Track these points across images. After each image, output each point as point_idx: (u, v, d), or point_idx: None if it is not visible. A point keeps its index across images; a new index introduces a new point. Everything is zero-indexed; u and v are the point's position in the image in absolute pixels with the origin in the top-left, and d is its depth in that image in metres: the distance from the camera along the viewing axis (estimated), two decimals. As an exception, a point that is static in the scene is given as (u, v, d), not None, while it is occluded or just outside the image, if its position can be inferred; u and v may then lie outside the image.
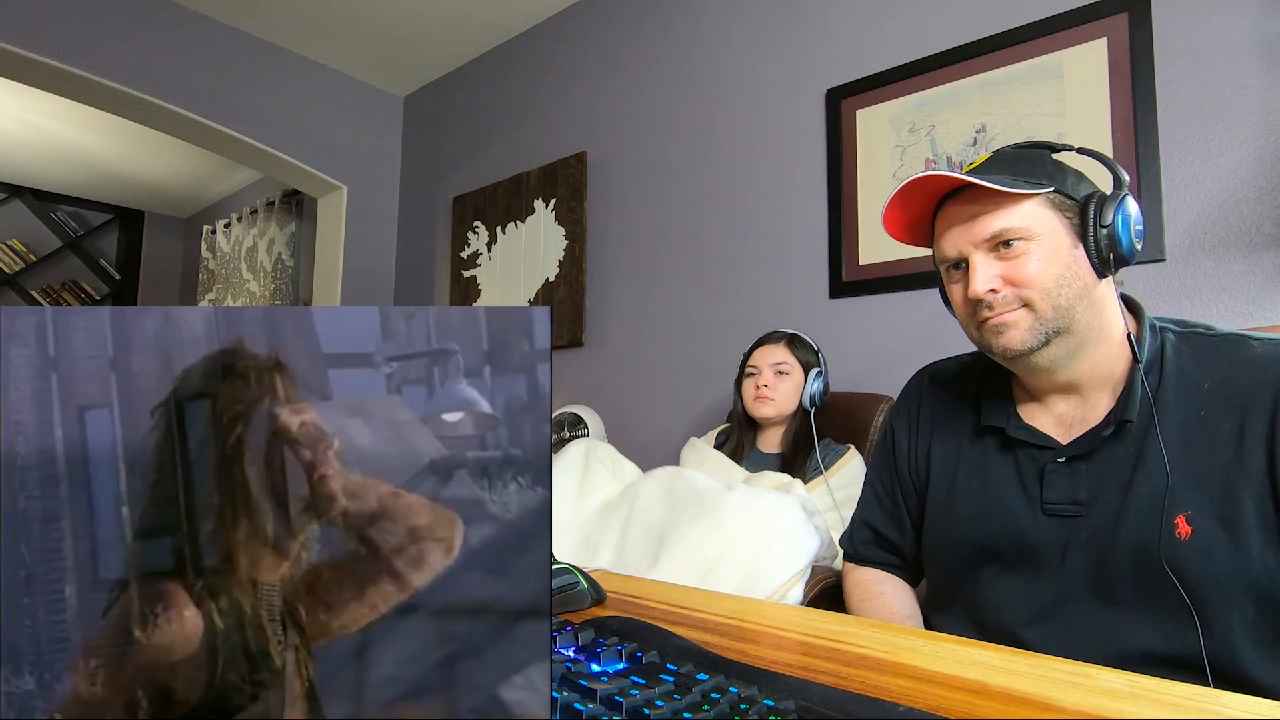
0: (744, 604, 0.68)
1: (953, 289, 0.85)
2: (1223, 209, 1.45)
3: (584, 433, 2.41)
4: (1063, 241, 0.78)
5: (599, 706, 0.38)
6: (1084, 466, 0.79)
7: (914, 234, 0.89)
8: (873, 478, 1.04)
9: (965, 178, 0.78)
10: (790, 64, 2.14)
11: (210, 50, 2.94)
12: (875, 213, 1.92)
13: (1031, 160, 0.81)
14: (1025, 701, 0.43)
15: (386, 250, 3.52)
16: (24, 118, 3.90)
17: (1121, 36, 1.57)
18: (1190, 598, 0.70)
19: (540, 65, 2.93)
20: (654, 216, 2.47)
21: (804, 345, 1.70)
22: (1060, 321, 0.77)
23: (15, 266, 4.82)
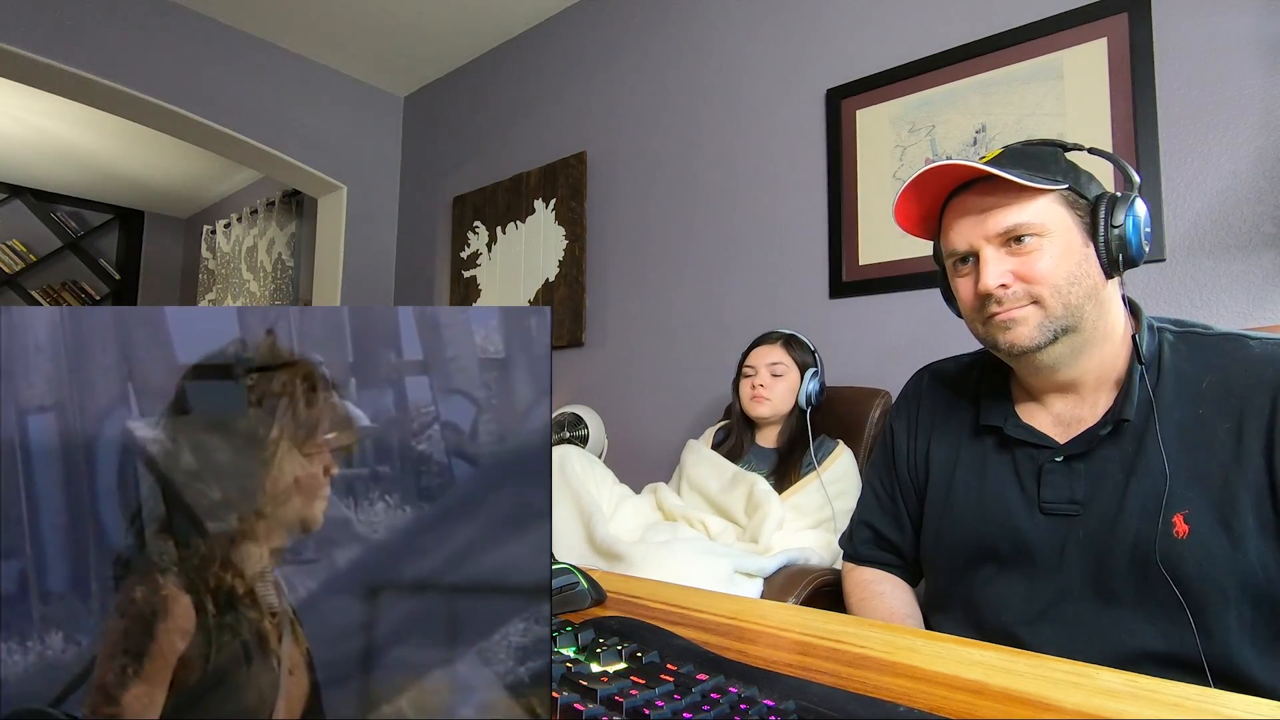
0: (744, 604, 0.68)
1: (959, 282, 0.85)
2: (1223, 209, 1.45)
3: (584, 433, 2.41)
4: (1075, 240, 0.78)
5: (599, 706, 0.38)
6: (1082, 466, 0.79)
7: (925, 227, 0.89)
8: (872, 477, 1.04)
9: (984, 168, 0.77)
10: (790, 64, 2.14)
11: (211, 50, 2.94)
12: (875, 213, 1.92)
13: (1044, 157, 0.81)
14: (1025, 701, 0.43)
15: (386, 250, 3.52)
16: (24, 118, 3.90)
17: (1121, 36, 1.57)
18: (1187, 597, 0.70)
19: (540, 65, 2.93)
20: (654, 216, 2.47)
21: (800, 346, 1.72)
22: (1069, 320, 0.77)
23: (15, 266, 4.82)
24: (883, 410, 1.68)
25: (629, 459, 2.42)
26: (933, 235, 0.90)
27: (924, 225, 0.89)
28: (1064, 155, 0.81)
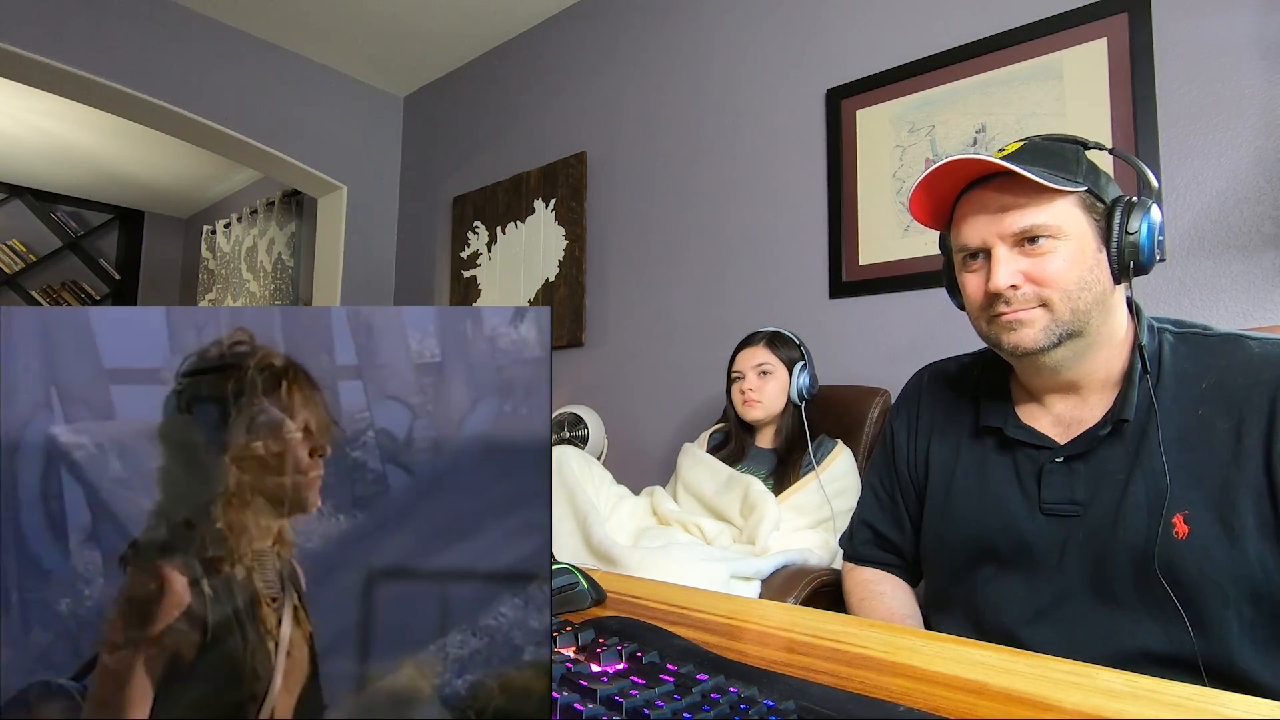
0: (744, 604, 0.68)
1: (968, 277, 0.83)
2: (1223, 209, 1.45)
3: (584, 433, 2.41)
4: (1089, 244, 0.77)
5: (599, 706, 0.38)
6: (1082, 466, 0.79)
7: (936, 217, 0.87)
8: (872, 478, 1.04)
9: (1006, 164, 0.75)
10: (790, 64, 2.14)
11: (211, 50, 2.94)
12: (875, 213, 1.92)
13: (1065, 155, 0.79)
14: (1025, 701, 0.43)
15: (386, 250, 3.52)
16: (24, 118, 3.90)
17: (1121, 36, 1.57)
18: (1187, 597, 0.70)
19: (540, 65, 2.93)
20: (654, 216, 2.47)
21: (785, 342, 1.70)
22: (1075, 324, 0.77)
23: (15, 266, 4.82)
24: (882, 410, 1.68)
25: (629, 459, 2.42)
26: (943, 226, 0.88)
27: (935, 215, 0.86)
28: (1084, 154, 0.80)
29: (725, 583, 1.23)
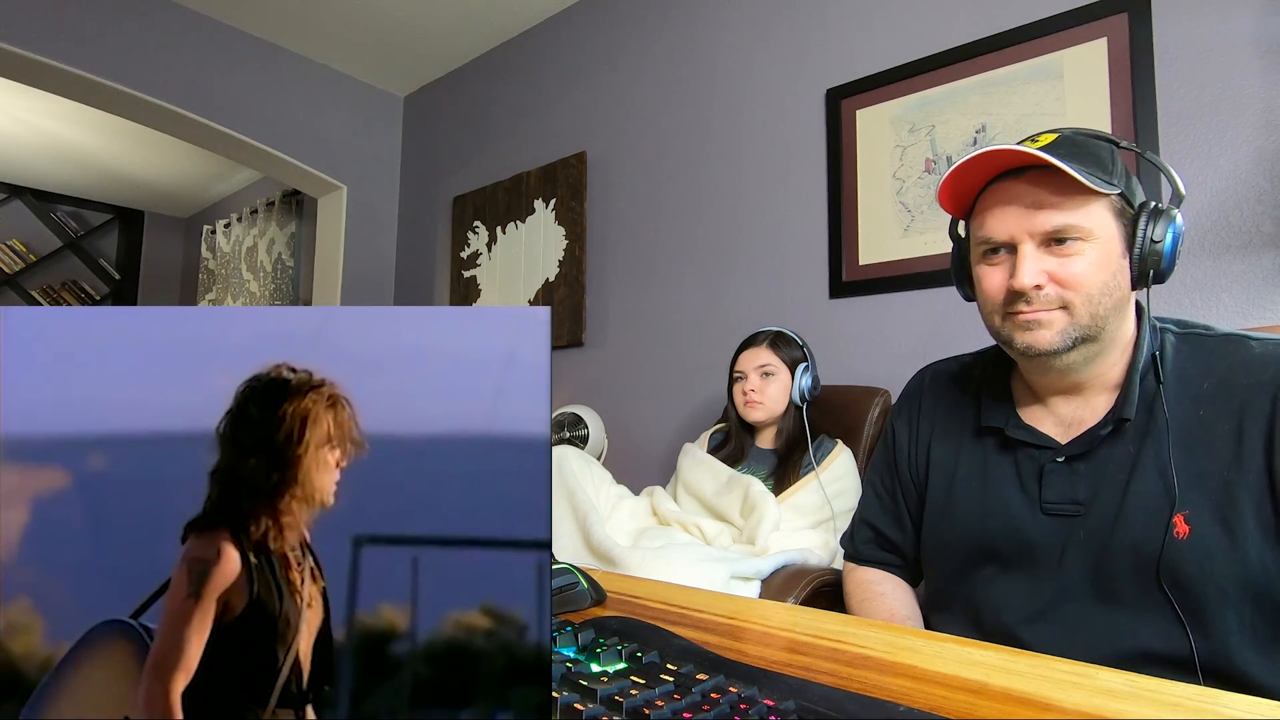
0: (744, 604, 0.68)
1: (986, 270, 0.80)
2: (1223, 209, 1.45)
3: (584, 433, 2.41)
4: (1114, 249, 0.75)
5: (599, 706, 0.38)
6: (1083, 466, 0.79)
7: (958, 204, 0.84)
8: (873, 477, 1.04)
9: (1052, 159, 0.72)
10: (790, 64, 2.14)
11: (211, 50, 2.94)
12: (875, 212, 1.92)
13: (1100, 154, 0.76)
14: (1025, 701, 0.43)
15: (386, 250, 3.52)
16: (24, 118, 3.90)
17: (1121, 36, 1.57)
18: (1188, 597, 0.70)
19: (540, 65, 2.93)
20: (654, 216, 2.47)
21: (788, 343, 1.70)
22: (1093, 329, 0.76)
23: (15, 266, 4.82)
24: (882, 410, 1.68)
25: (629, 459, 2.42)
26: (964, 214, 0.85)
27: (958, 203, 0.83)
28: (1117, 153, 0.77)
29: (725, 583, 1.23)
